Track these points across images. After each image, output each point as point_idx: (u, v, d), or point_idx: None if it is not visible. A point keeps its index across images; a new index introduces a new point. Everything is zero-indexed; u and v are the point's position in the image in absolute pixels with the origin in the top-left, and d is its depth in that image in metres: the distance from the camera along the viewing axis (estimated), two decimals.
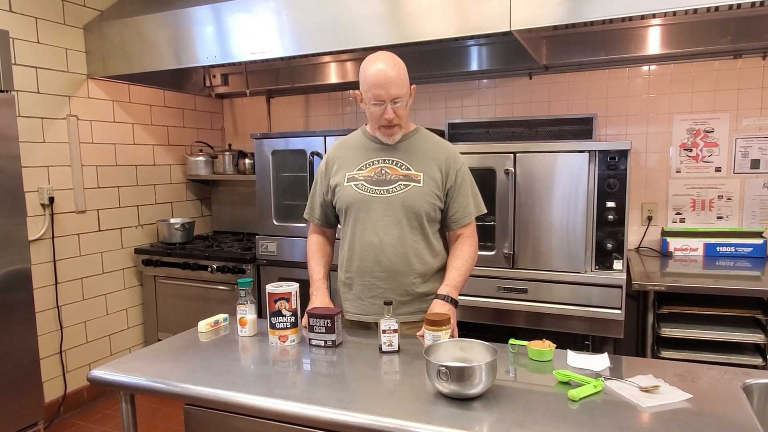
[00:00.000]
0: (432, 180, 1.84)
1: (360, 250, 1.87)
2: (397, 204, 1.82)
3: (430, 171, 1.84)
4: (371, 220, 1.84)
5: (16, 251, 2.58)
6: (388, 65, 1.74)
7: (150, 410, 3.27)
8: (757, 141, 2.92)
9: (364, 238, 1.85)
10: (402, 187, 1.82)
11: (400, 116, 1.79)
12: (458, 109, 3.53)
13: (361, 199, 1.85)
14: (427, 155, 1.86)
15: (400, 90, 1.75)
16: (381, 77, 1.73)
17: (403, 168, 1.85)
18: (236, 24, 2.91)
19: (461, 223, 1.88)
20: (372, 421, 1.26)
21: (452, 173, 1.86)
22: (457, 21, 2.45)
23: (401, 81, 1.75)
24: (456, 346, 1.47)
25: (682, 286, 2.40)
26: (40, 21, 3.05)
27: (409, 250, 1.83)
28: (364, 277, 1.88)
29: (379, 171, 1.86)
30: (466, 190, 1.89)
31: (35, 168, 3.04)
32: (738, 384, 1.40)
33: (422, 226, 1.84)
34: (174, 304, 3.60)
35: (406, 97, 1.79)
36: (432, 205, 1.84)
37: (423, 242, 1.86)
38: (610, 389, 1.37)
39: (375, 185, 1.85)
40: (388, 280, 1.85)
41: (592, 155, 2.55)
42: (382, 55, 1.77)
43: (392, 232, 1.82)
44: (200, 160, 3.94)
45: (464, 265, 1.86)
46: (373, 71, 1.74)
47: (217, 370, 1.55)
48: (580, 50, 3.03)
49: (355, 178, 1.87)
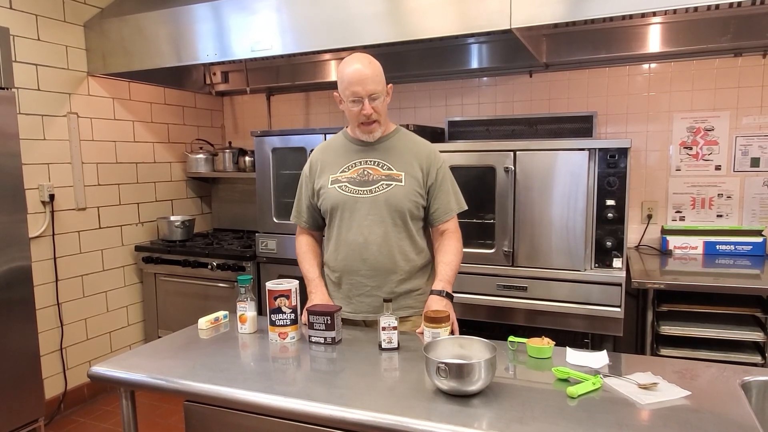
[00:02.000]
0: (413, 178, 1.88)
1: (346, 250, 1.90)
2: (381, 203, 1.85)
3: (411, 170, 1.88)
4: (356, 220, 1.87)
5: (16, 248, 2.58)
6: (363, 64, 1.80)
7: (150, 407, 3.28)
8: (757, 139, 2.92)
9: (349, 238, 1.88)
10: (384, 186, 1.86)
11: (378, 112, 1.84)
12: (458, 107, 3.53)
13: (346, 200, 1.88)
14: (408, 154, 1.91)
15: (376, 86, 1.80)
16: (357, 75, 1.79)
17: (385, 168, 1.89)
18: (236, 21, 2.91)
19: (443, 219, 1.92)
20: (371, 418, 1.27)
21: (433, 171, 1.90)
22: (457, 19, 2.45)
23: (377, 78, 1.81)
24: (455, 343, 1.48)
25: (682, 284, 2.41)
26: (41, 18, 3.05)
27: (393, 248, 1.87)
28: (351, 275, 1.91)
29: (361, 172, 1.90)
30: (447, 187, 1.93)
31: (36, 165, 3.04)
32: (736, 381, 1.40)
33: (406, 224, 1.88)
34: (174, 301, 3.61)
35: (383, 94, 1.84)
36: (414, 203, 1.87)
37: (407, 240, 1.89)
38: (608, 386, 1.37)
39: (358, 186, 1.88)
40: (375, 277, 1.88)
41: (592, 153, 2.55)
42: (357, 56, 1.84)
43: (377, 230, 1.86)
44: (200, 157, 3.95)
45: (453, 260, 1.90)
46: (349, 71, 1.80)
47: (218, 367, 1.56)
48: (580, 48, 3.03)
49: (339, 180, 1.91)
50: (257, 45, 2.88)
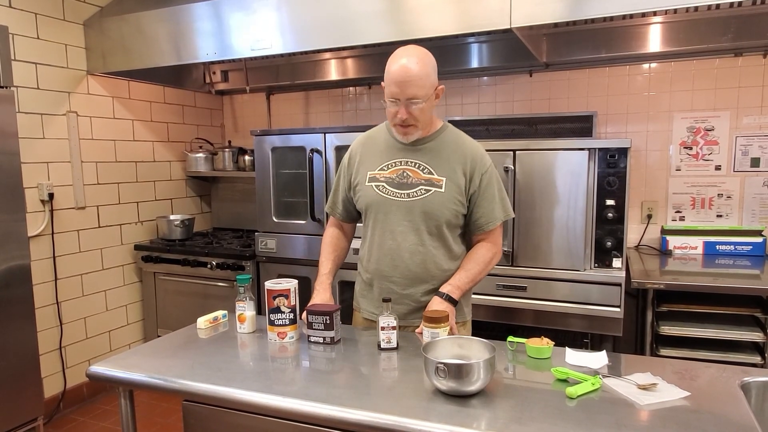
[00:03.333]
0: (455, 185, 1.76)
1: (378, 253, 1.84)
2: (417, 210, 1.76)
3: (453, 175, 1.77)
4: (389, 224, 1.80)
5: (15, 247, 2.58)
6: (412, 62, 1.64)
7: (149, 406, 3.28)
8: (757, 139, 2.92)
9: (382, 241, 1.82)
10: (423, 192, 1.76)
11: (415, 118, 1.70)
12: (458, 106, 3.52)
13: (381, 201, 1.80)
14: (452, 158, 1.78)
15: (418, 91, 1.65)
16: (400, 73, 1.64)
17: (426, 172, 1.78)
18: (236, 20, 2.90)
19: (485, 229, 1.81)
20: (370, 418, 1.27)
21: (477, 177, 1.78)
22: (457, 18, 2.45)
23: (422, 81, 1.65)
24: (454, 343, 1.48)
25: (682, 284, 2.40)
26: (40, 17, 3.05)
27: (427, 257, 1.79)
28: (382, 280, 1.85)
29: (401, 173, 1.79)
30: (492, 194, 1.80)
31: (35, 164, 3.04)
32: (736, 382, 1.40)
33: (441, 233, 1.79)
34: (173, 300, 3.61)
35: (427, 99, 1.69)
36: (453, 212, 1.77)
37: (442, 248, 1.81)
38: (607, 387, 1.37)
39: (396, 188, 1.79)
40: (405, 286, 1.82)
41: (592, 153, 2.54)
42: (410, 50, 1.68)
43: (410, 238, 1.78)
44: (200, 156, 3.94)
45: (475, 268, 1.81)
46: (395, 67, 1.65)
47: (216, 367, 1.56)
48: (580, 48, 3.02)
49: (377, 179, 1.82)
50: (257, 44, 2.88)
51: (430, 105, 1.73)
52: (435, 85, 1.71)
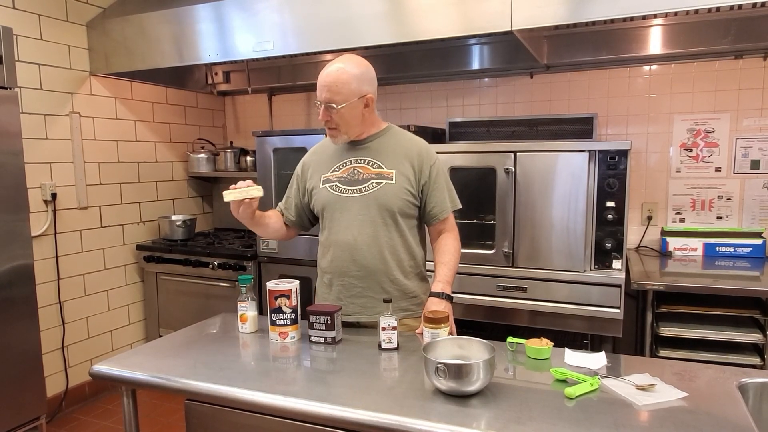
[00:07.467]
0: (404, 177, 1.85)
1: (336, 250, 1.89)
2: (371, 202, 1.83)
3: (402, 168, 1.85)
4: (346, 220, 1.86)
5: (18, 247, 2.59)
6: (336, 68, 1.76)
7: (151, 405, 3.29)
8: (757, 141, 2.92)
9: (339, 238, 1.87)
10: (374, 185, 1.84)
11: (335, 121, 1.79)
12: (459, 107, 3.54)
13: (336, 199, 1.87)
14: (399, 152, 1.87)
15: (334, 96, 1.75)
16: (321, 79, 1.77)
17: (375, 166, 1.86)
18: (238, 22, 2.92)
19: (440, 218, 1.90)
20: (371, 418, 1.28)
21: (426, 169, 1.86)
22: (458, 20, 2.46)
23: (338, 88, 1.74)
24: (454, 343, 1.49)
25: (681, 285, 2.41)
26: (44, 18, 3.06)
27: (384, 248, 1.85)
28: (341, 277, 1.89)
29: (352, 171, 1.88)
30: (441, 185, 1.89)
31: (38, 164, 3.06)
32: (734, 383, 1.41)
33: (397, 223, 1.85)
34: (175, 300, 3.62)
35: (343, 105, 1.76)
36: (405, 202, 1.85)
37: (399, 239, 1.87)
38: (606, 387, 1.38)
39: (348, 185, 1.86)
40: (365, 278, 1.86)
41: (593, 155, 2.55)
42: (343, 58, 1.80)
43: (366, 230, 1.84)
44: (202, 157, 3.96)
45: (451, 260, 1.88)
46: (322, 72, 1.78)
47: (218, 366, 1.57)
48: (581, 50, 3.03)
49: (330, 180, 1.90)
50: (259, 45, 2.89)
51: (353, 111, 1.80)
52: (360, 94, 1.78)
